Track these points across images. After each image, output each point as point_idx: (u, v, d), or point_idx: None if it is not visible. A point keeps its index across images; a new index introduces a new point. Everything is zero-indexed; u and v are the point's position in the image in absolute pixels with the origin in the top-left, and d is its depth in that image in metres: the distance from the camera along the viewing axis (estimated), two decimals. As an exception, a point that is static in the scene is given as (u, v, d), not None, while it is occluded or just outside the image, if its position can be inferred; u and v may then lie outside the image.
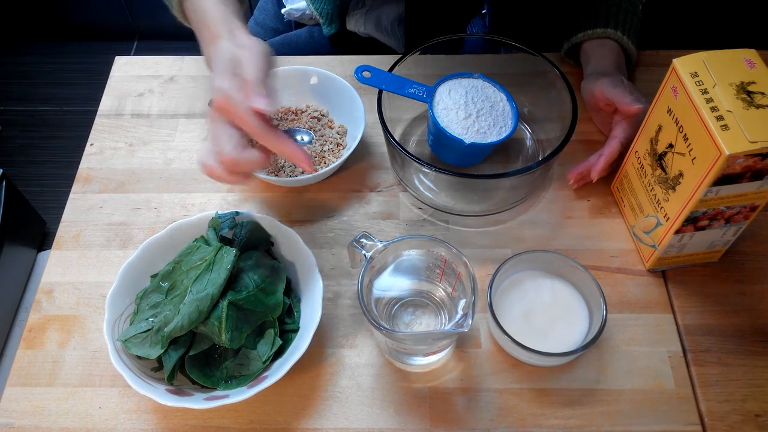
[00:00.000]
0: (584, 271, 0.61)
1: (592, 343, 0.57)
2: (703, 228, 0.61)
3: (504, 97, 0.72)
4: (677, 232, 0.61)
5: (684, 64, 0.55)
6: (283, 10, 1.02)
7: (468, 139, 0.68)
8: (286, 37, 1.03)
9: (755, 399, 0.59)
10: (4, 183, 1.38)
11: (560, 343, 0.60)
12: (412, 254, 0.61)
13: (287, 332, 0.62)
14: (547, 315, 0.62)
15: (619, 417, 0.59)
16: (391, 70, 0.71)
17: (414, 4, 0.88)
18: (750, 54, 0.55)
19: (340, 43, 1.01)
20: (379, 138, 0.80)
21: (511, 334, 0.58)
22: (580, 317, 0.62)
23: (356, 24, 0.97)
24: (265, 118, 0.54)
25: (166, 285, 0.61)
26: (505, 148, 0.76)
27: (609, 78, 0.71)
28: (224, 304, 0.57)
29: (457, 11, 0.91)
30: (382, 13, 0.95)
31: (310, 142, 0.78)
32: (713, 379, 0.61)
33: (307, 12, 0.98)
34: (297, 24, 1.06)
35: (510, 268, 0.63)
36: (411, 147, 0.78)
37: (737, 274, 0.67)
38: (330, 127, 0.80)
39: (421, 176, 0.71)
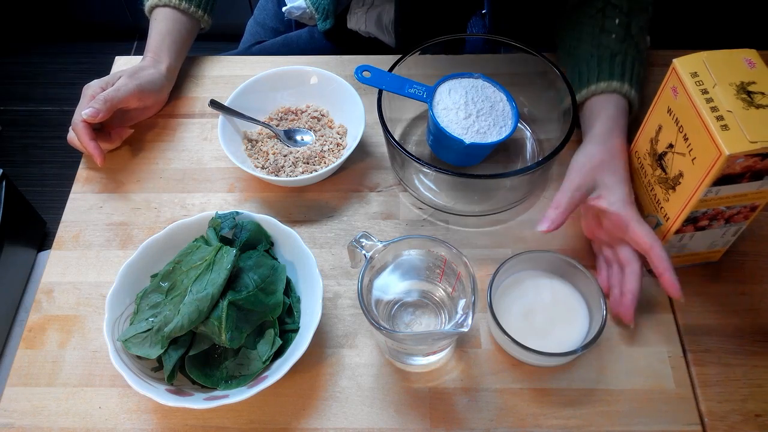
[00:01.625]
0: (584, 271, 0.61)
1: (592, 343, 0.57)
2: (703, 228, 0.61)
3: (504, 97, 0.72)
4: (677, 232, 0.61)
5: (684, 64, 0.55)
6: (283, 9, 1.02)
7: (468, 139, 0.68)
8: (287, 38, 1.03)
9: (755, 399, 0.59)
10: (4, 183, 1.38)
11: (560, 343, 0.60)
12: (412, 254, 0.61)
13: (287, 332, 0.62)
14: (547, 315, 0.62)
15: (619, 417, 0.59)
16: (391, 70, 0.71)
17: (405, 5, 0.88)
18: (750, 54, 0.55)
19: (340, 43, 1.01)
20: (379, 138, 0.80)
21: (511, 334, 0.58)
22: (580, 317, 0.62)
23: (357, 22, 0.97)
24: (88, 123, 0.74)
25: (166, 285, 0.61)
26: (505, 148, 0.76)
27: (627, 198, 0.62)
28: (224, 304, 0.57)
29: (450, 13, 0.91)
30: (383, 11, 0.94)
31: (310, 142, 0.78)
32: (713, 379, 0.61)
33: (308, 11, 0.98)
34: (297, 24, 1.06)
35: (510, 267, 0.63)
36: (411, 147, 0.78)
37: (737, 274, 0.67)
38: (330, 127, 0.80)
39: (421, 176, 0.71)
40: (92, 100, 0.74)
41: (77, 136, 0.74)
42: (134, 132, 0.82)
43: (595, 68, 0.70)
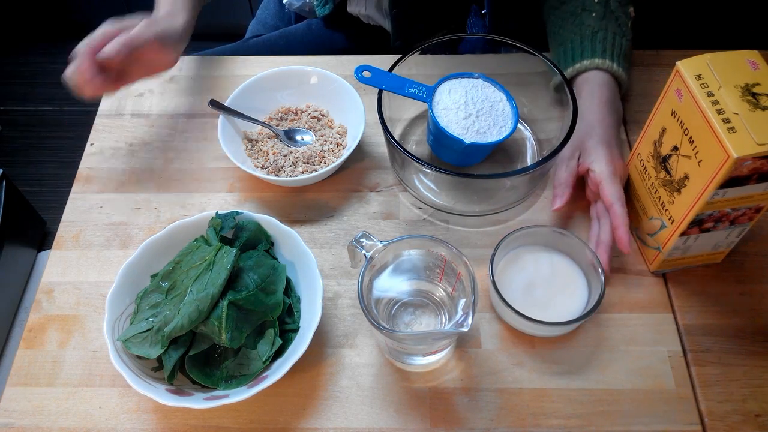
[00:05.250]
0: (580, 241, 0.63)
1: (593, 310, 0.59)
2: (708, 230, 0.60)
3: (504, 97, 0.72)
4: (682, 234, 0.60)
5: (688, 67, 0.55)
6: (284, 0, 1.02)
7: (468, 138, 0.68)
8: (285, 31, 1.03)
9: (755, 399, 0.59)
10: (4, 183, 1.38)
11: (561, 314, 0.61)
12: (412, 254, 0.61)
13: (287, 332, 0.62)
14: (547, 287, 0.64)
15: (619, 417, 0.59)
16: (391, 70, 0.71)
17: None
18: (753, 55, 0.55)
19: (339, 32, 1.01)
20: (379, 138, 0.80)
21: (514, 306, 0.60)
22: (579, 288, 0.63)
23: (357, 5, 0.97)
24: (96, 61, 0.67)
25: (166, 285, 0.61)
26: (505, 148, 0.76)
27: (605, 158, 0.66)
28: (224, 303, 0.57)
29: (445, 4, 0.91)
30: None
31: (310, 142, 0.78)
32: (713, 379, 0.61)
33: (308, 2, 0.98)
34: (297, 18, 1.07)
35: (509, 243, 0.65)
36: (411, 147, 0.78)
37: (738, 274, 0.67)
38: (330, 127, 0.80)
39: (421, 176, 0.71)
40: (106, 38, 0.68)
41: (78, 59, 0.67)
42: (134, 132, 0.82)
43: (578, 47, 0.73)
